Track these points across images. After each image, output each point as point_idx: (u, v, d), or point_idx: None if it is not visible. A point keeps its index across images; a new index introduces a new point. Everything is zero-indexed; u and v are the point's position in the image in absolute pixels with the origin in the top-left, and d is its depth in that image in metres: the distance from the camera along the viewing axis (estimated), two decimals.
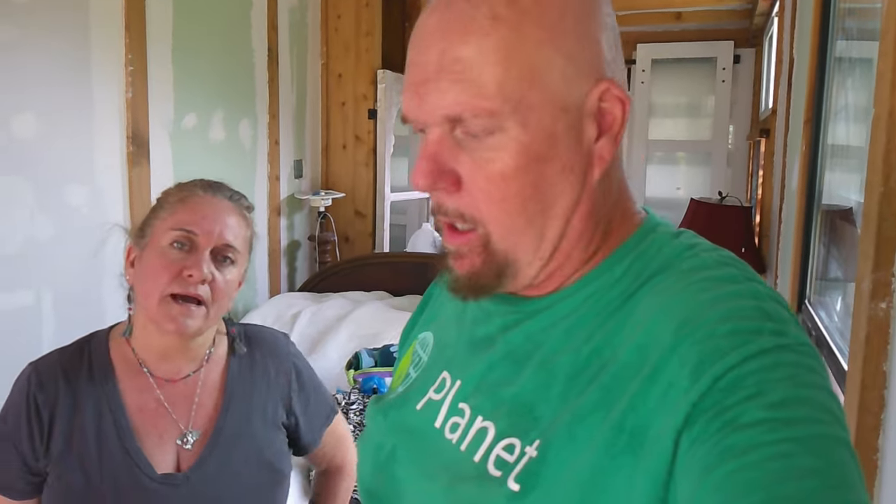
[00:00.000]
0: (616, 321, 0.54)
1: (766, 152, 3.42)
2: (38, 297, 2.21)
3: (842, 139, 1.69)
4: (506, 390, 0.57)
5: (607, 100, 0.55)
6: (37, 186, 2.20)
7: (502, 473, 0.53)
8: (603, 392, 0.50)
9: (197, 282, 1.02)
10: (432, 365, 0.68)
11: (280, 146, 3.49)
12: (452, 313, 0.70)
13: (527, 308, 0.60)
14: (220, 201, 1.09)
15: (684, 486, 0.44)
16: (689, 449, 0.44)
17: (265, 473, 1.11)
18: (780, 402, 0.43)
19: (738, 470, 0.41)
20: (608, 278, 0.57)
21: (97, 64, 2.38)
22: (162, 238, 1.04)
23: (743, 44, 4.97)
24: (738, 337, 0.46)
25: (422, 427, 0.63)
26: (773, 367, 0.45)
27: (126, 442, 1.03)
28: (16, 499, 1.02)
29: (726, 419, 0.43)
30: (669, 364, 0.47)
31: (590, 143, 0.55)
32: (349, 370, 2.26)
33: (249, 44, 3.25)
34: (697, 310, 0.49)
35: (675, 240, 0.58)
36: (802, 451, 0.41)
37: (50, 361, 1.07)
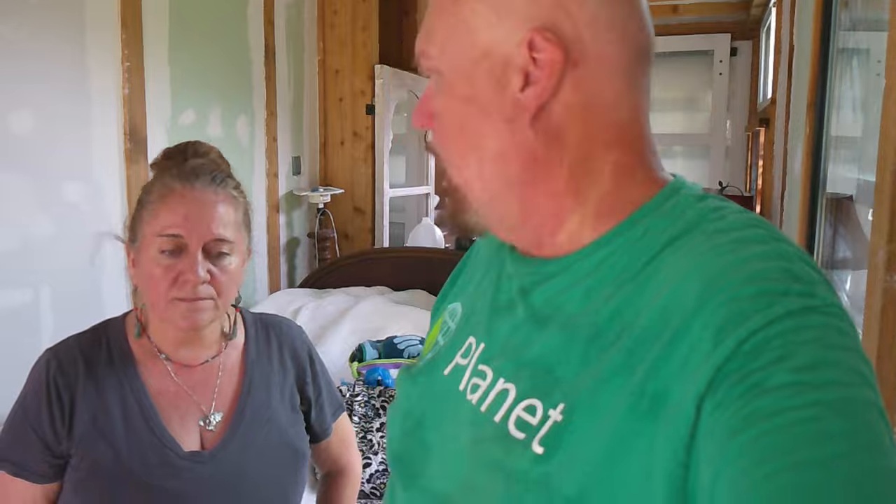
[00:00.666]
0: (637, 283, 0.53)
1: (765, 142, 3.41)
2: (36, 295, 2.20)
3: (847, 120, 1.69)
4: (527, 352, 0.57)
5: (541, 50, 0.54)
6: (35, 183, 2.18)
7: (526, 436, 0.52)
8: (625, 356, 0.49)
9: (194, 285, 1.00)
10: (460, 332, 0.68)
11: (278, 143, 3.48)
12: (479, 281, 0.71)
13: (544, 269, 0.60)
14: (202, 192, 1.03)
15: (708, 450, 0.43)
16: (713, 413, 0.43)
17: (287, 453, 1.13)
18: (807, 365, 0.42)
19: (764, 434, 0.40)
20: (627, 239, 0.56)
21: (93, 60, 2.36)
22: (150, 245, 1.02)
23: (740, 36, 4.97)
24: (763, 299, 0.45)
25: (448, 391, 0.64)
26: (799, 330, 0.43)
27: (151, 422, 1.04)
28: (38, 482, 1.02)
29: (751, 383, 0.42)
30: (692, 327, 0.46)
31: (514, 92, 0.56)
32: (353, 362, 2.25)
33: (246, 40, 3.24)
34: (722, 272, 0.48)
35: (700, 202, 0.56)
36: (830, 415, 0.40)
37: (68, 346, 1.06)
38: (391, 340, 2.31)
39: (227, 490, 1.05)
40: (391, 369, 2.14)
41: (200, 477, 1.04)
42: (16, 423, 1.03)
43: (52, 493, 1.04)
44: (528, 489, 0.51)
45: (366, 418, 1.94)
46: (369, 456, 1.80)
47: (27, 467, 1.01)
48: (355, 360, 2.26)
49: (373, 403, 1.98)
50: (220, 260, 1.04)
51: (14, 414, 1.04)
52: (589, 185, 0.58)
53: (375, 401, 1.99)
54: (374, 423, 1.92)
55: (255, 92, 3.31)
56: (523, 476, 0.51)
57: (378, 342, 2.34)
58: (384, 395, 2.00)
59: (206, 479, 1.04)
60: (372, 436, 1.87)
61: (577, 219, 0.58)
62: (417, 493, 0.63)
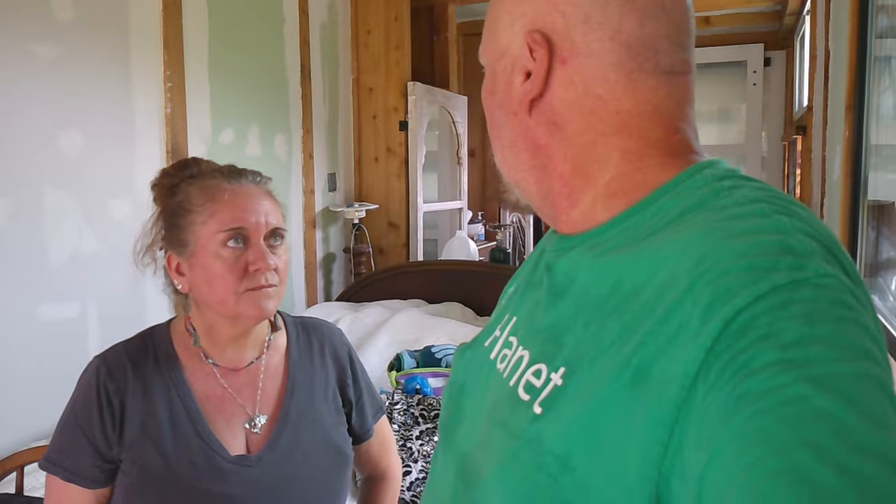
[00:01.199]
0: (635, 252, 0.54)
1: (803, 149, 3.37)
2: (83, 309, 2.26)
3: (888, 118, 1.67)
4: (543, 321, 0.61)
5: (535, 49, 0.61)
6: (83, 201, 2.25)
7: (530, 398, 0.56)
8: (621, 328, 0.51)
9: (265, 272, 1.04)
10: (504, 308, 0.74)
11: (314, 160, 3.54)
12: (529, 264, 0.76)
13: (565, 245, 0.64)
14: (249, 187, 1.09)
15: (701, 434, 0.42)
16: (706, 397, 0.43)
17: (332, 454, 1.14)
18: (793, 342, 0.41)
19: (753, 417, 0.39)
20: (641, 217, 0.58)
21: (137, 80, 2.44)
22: (210, 243, 1.04)
23: (773, 46, 4.93)
24: (749, 275, 0.44)
25: (484, 361, 0.69)
26: (786, 305, 0.42)
27: (199, 426, 1.05)
28: (91, 488, 1.04)
29: (739, 364, 0.41)
30: (683, 304, 0.46)
31: (517, 87, 0.63)
32: (391, 371, 2.26)
33: (283, 60, 3.31)
34: (714, 248, 0.48)
35: (718, 181, 0.57)
36: (818, 392, 0.39)
37: (116, 352, 1.09)
38: (429, 349, 2.32)
39: (274, 493, 1.06)
40: (429, 378, 2.15)
41: (248, 480, 1.05)
42: (67, 429, 1.05)
43: (103, 499, 1.05)
44: (524, 446, 0.53)
45: (405, 426, 1.95)
46: (409, 464, 1.81)
47: (79, 472, 1.03)
48: (393, 370, 2.27)
49: (412, 412, 1.99)
50: (277, 249, 1.08)
51: (65, 420, 1.06)
52: (597, 169, 0.61)
53: (414, 409, 1.99)
54: (414, 432, 1.92)
55: (291, 110, 3.38)
56: (521, 433, 0.54)
57: (416, 352, 2.35)
58: (423, 403, 2.01)
59: (254, 483, 1.05)
60: (412, 444, 1.88)
61: (589, 199, 0.62)
62: (451, 454, 0.67)
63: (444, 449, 0.70)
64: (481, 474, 0.58)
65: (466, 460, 0.62)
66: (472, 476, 0.60)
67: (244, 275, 1.03)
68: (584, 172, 0.62)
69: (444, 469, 0.67)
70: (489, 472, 0.56)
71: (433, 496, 0.69)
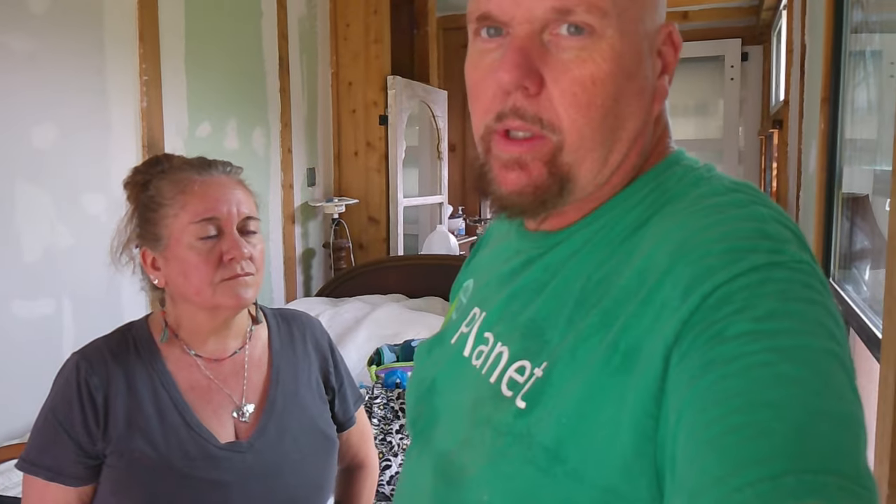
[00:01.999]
0: (625, 249, 0.55)
1: (779, 143, 3.41)
2: (58, 306, 2.23)
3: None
4: (521, 317, 0.60)
5: (666, 42, 0.58)
6: (56, 195, 2.22)
7: (513, 393, 0.55)
8: (602, 315, 0.51)
9: (240, 262, 1.04)
10: (469, 304, 0.71)
11: (293, 154, 3.51)
12: (489, 258, 0.74)
13: (547, 242, 0.62)
14: (220, 178, 1.09)
15: (673, 397, 0.44)
16: (679, 364, 0.45)
17: (319, 439, 1.15)
18: (766, 315, 0.43)
19: (721, 378, 0.41)
20: (623, 208, 0.58)
21: (112, 73, 2.40)
22: (183, 235, 1.04)
23: (750, 41, 4.97)
24: (730, 255, 0.46)
25: (454, 358, 0.67)
26: (763, 283, 0.44)
27: (187, 416, 1.05)
28: (74, 486, 1.02)
29: (712, 333, 0.43)
30: (664, 285, 0.48)
31: (656, 76, 0.58)
32: (371, 366, 2.25)
33: (260, 53, 3.28)
34: (695, 233, 0.49)
35: (694, 172, 0.59)
36: (784, 360, 0.41)
37: (95, 347, 1.08)
38: (408, 343, 2.31)
39: (267, 477, 1.07)
40: (409, 372, 2.14)
41: (241, 466, 1.05)
42: (46, 428, 1.03)
43: (86, 497, 1.04)
44: (512, 442, 0.53)
45: (385, 420, 1.95)
46: (389, 458, 1.80)
47: (62, 471, 1.01)
48: (373, 364, 2.27)
49: (391, 406, 1.98)
50: (251, 238, 1.08)
51: (43, 419, 1.04)
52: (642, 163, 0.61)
53: (394, 403, 1.99)
54: (394, 426, 1.92)
55: (269, 104, 3.35)
56: (507, 429, 0.54)
57: (395, 346, 2.35)
58: (403, 397, 2.01)
59: (247, 469, 1.06)
60: (391, 438, 1.87)
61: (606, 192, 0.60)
62: (427, 453, 0.65)
63: (419, 449, 0.68)
64: (466, 472, 0.57)
65: (446, 459, 0.61)
66: (454, 475, 0.59)
67: (219, 265, 1.03)
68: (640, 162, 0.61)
69: (420, 469, 0.66)
70: (475, 469, 0.56)
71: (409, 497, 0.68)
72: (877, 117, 1.79)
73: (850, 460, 0.38)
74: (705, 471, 0.39)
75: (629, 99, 0.55)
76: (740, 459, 0.38)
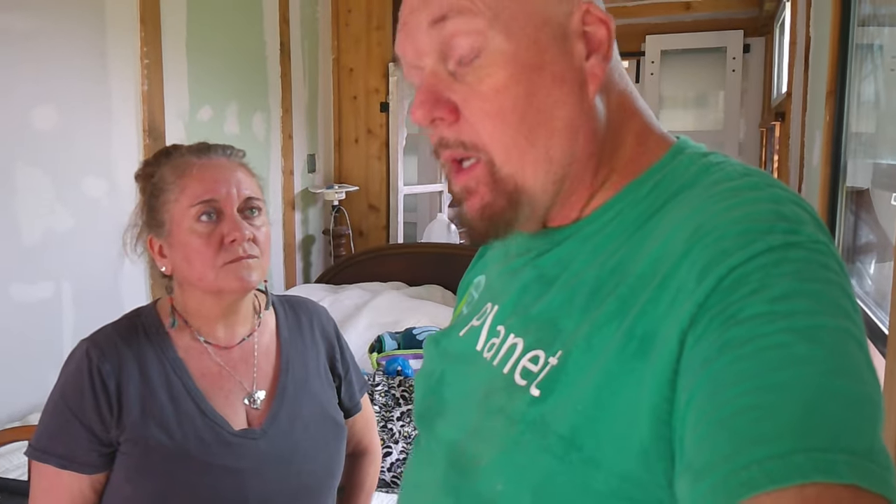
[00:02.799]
0: (639, 237, 0.55)
1: (781, 136, 3.40)
2: (58, 289, 2.22)
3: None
4: (534, 308, 0.59)
5: (590, 22, 0.56)
6: (56, 178, 2.20)
7: (527, 382, 0.55)
8: (619, 302, 0.51)
9: (241, 243, 1.03)
10: (480, 300, 0.71)
11: (293, 140, 3.50)
12: (499, 254, 0.73)
13: (557, 237, 0.62)
14: (219, 160, 1.08)
15: (685, 379, 0.44)
16: (693, 347, 0.44)
17: (329, 426, 1.15)
18: (782, 296, 0.42)
19: (734, 361, 0.41)
20: (634, 198, 0.58)
21: (113, 57, 2.39)
22: (184, 219, 1.03)
23: (753, 33, 4.95)
24: (746, 237, 0.46)
25: (465, 351, 0.66)
26: (779, 263, 0.44)
27: (200, 403, 1.05)
28: (88, 473, 1.01)
29: (728, 315, 0.43)
30: (680, 270, 0.48)
31: (580, 60, 0.56)
32: (372, 353, 2.25)
33: (262, 37, 3.26)
34: (711, 217, 0.49)
35: (704, 158, 0.58)
36: (799, 341, 0.40)
37: (106, 334, 1.06)
38: (410, 331, 2.31)
39: (281, 463, 1.07)
40: (410, 359, 2.15)
41: (255, 453, 1.05)
42: (57, 416, 1.02)
43: (98, 485, 1.03)
44: (525, 430, 0.53)
45: (386, 407, 1.95)
46: (390, 445, 1.81)
47: (75, 458, 1.00)
48: (374, 351, 2.27)
49: (392, 393, 1.98)
50: (254, 220, 1.07)
51: (54, 406, 1.03)
52: (619, 155, 0.59)
53: (395, 390, 1.99)
54: (395, 413, 1.92)
55: (270, 89, 3.33)
56: (521, 417, 0.53)
57: (397, 333, 2.35)
58: (404, 384, 2.01)
59: (261, 455, 1.05)
60: (392, 425, 1.88)
61: (605, 189, 0.60)
62: (434, 444, 0.65)
63: (427, 439, 0.67)
64: (479, 461, 0.57)
65: (457, 449, 0.61)
66: (466, 464, 0.58)
67: (220, 248, 1.02)
68: (610, 160, 0.60)
69: (429, 458, 0.66)
70: (488, 458, 0.55)
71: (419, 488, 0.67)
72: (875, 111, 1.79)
73: (862, 438, 0.37)
74: (714, 449, 0.39)
75: (547, 91, 0.55)
76: (749, 438, 0.38)
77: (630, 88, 0.61)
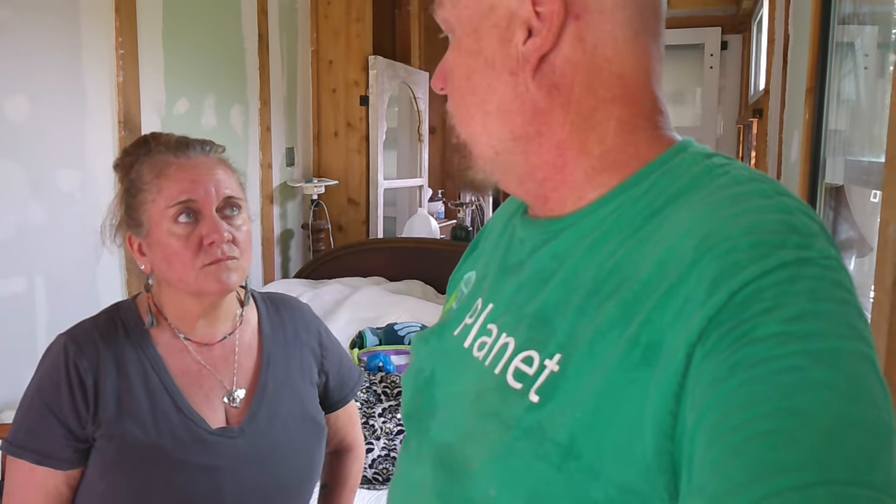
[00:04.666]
0: (639, 238, 0.53)
1: (758, 132, 3.43)
2: (31, 284, 2.17)
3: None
4: (528, 307, 0.58)
5: (543, 3, 0.56)
6: (29, 171, 2.16)
7: (523, 386, 0.54)
8: (622, 308, 0.50)
9: (220, 245, 1.01)
10: (471, 296, 0.70)
11: (272, 133, 3.46)
12: (492, 248, 0.72)
13: (552, 228, 0.61)
14: (198, 159, 1.06)
15: (694, 396, 0.43)
16: (702, 362, 0.43)
17: (309, 425, 1.14)
18: (796, 316, 0.41)
19: (747, 382, 0.40)
20: (632, 195, 0.56)
21: (88, 47, 2.34)
22: (162, 220, 1.01)
23: (730, 30, 4.99)
24: (758, 250, 0.44)
25: (456, 350, 0.65)
26: (793, 281, 0.43)
27: (178, 401, 1.04)
28: (62, 469, 1.00)
29: (740, 333, 0.42)
30: (688, 279, 0.46)
31: (517, 44, 0.57)
32: (353, 349, 2.24)
33: (239, 29, 3.22)
34: (720, 225, 0.48)
35: (707, 159, 0.57)
36: (814, 365, 0.39)
37: (84, 328, 1.05)
38: (391, 327, 2.30)
39: (259, 462, 1.06)
40: (392, 355, 2.14)
41: (232, 452, 1.04)
42: (33, 411, 1.01)
43: (73, 480, 1.02)
44: (520, 436, 0.52)
45: (368, 404, 1.94)
46: (371, 441, 1.80)
47: (51, 454, 0.99)
48: (356, 347, 2.25)
49: (374, 389, 1.97)
50: (234, 220, 1.05)
51: (29, 402, 1.02)
52: (593, 139, 0.58)
53: (377, 386, 1.98)
54: (376, 409, 1.91)
55: (248, 81, 3.29)
56: (517, 423, 0.52)
57: (378, 329, 2.33)
58: (385, 380, 2.00)
59: (239, 454, 1.05)
60: (374, 421, 1.87)
61: (582, 172, 0.59)
62: (425, 445, 0.64)
63: (418, 440, 0.67)
64: (471, 466, 0.56)
65: (448, 452, 0.60)
66: (457, 468, 0.57)
67: (199, 249, 1.01)
68: (581, 142, 0.58)
69: (419, 461, 0.65)
70: (480, 463, 0.54)
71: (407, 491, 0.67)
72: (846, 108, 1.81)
73: (881, 470, 0.37)
74: (728, 476, 0.38)
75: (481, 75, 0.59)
76: (766, 467, 0.37)
77: (617, 72, 0.57)
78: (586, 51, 0.57)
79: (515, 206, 0.71)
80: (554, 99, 0.58)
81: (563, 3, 0.55)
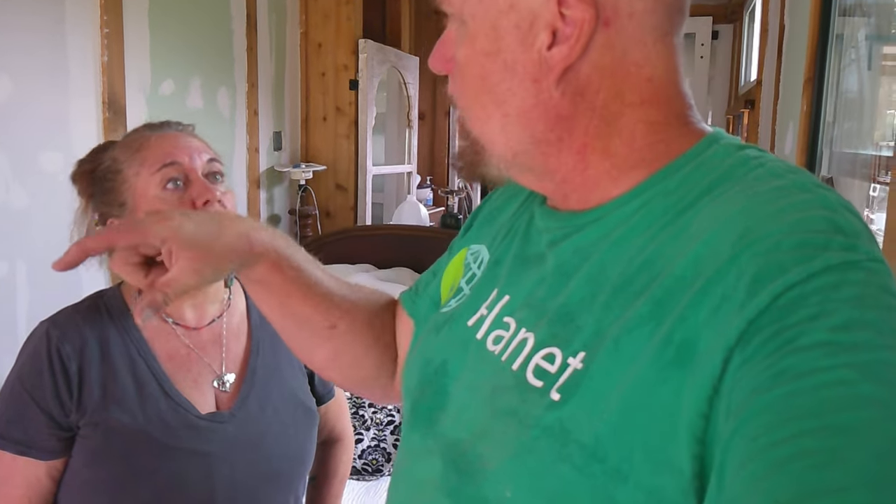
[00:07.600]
0: (671, 232, 0.51)
1: (750, 123, 3.43)
2: (12, 269, 2.12)
3: None
4: (551, 302, 0.56)
5: (570, 6, 0.52)
6: (11, 153, 2.10)
7: (544, 384, 0.52)
8: (654, 305, 0.48)
9: (214, 204, 1.00)
10: (485, 282, 0.67)
11: (259, 117, 3.40)
12: (505, 231, 0.70)
13: (575, 222, 0.59)
14: (175, 133, 1.07)
15: (732, 403, 0.41)
16: (741, 367, 0.41)
17: (300, 411, 1.13)
18: (843, 325, 0.39)
19: (791, 395, 0.38)
20: (662, 188, 0.54)
21: (71, 25, 2.27)
22: (149, 188, 1.00)
23: (721, 20, 4.98)
24: (802, 251, 0.43)
25: (470, 342, 0.63)
26: (839, 286, 0.41)
27: (165, 386, 1.02)
28: (44, 459, 0.97)
29: (783, 339, 0.40)
30: (726, 276, 0.44)
31: (540, 49, 0.54)
32: None
33: (227, 9, 3.15)
34: (761, 220, 0.46)
35: (740, 151, 0.55)
36: (863, 379, 0.38)
37: (67, 314, 1.03)
38: None
39: (249, 447, 1.05)
40: None
41: (223, 437, 1.03)
42: (14, 400, 0.98)
43: (56, 472, 0.99)
44: (540, 436, 0.50)
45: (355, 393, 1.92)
46: (361, 432, 1.78)
47: (34, 444, 0.96)
48: None
49: None
50: (219, 183, 1.05)
51: (10, 390, 0.99)
52: (619, 143, 0.56)
53: None
54: (366, 399, 1.89)
55: (236, 63, 3.23)
56: (536, 422, 0.50)
57: None
58: None
59: (230, 439, 1.03)
60: (364, 411, 1.84)
61: (605, 172, 0.57)
62: (432, 439, 0.62)
63: (423, 433, 0.64)
64: (486, 465, 0.53)
65: (459, 449, 0.58)
66: (470, 467, 0.55)
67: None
68: (604, 146, 0.56)
69: (426, 455, 0.62)
70: (497, 463, 0.52)
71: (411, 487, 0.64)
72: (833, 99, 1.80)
73: None
74: (770, 493, 0.36)
75: (499, 76, 0.56)
76: (812, 487, 0.35)
77: (647, 75, 0.55)
78: (615, 57, 0.54)
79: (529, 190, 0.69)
80: (578, 105, 0.55)
81: (594, 11, 0.52)
